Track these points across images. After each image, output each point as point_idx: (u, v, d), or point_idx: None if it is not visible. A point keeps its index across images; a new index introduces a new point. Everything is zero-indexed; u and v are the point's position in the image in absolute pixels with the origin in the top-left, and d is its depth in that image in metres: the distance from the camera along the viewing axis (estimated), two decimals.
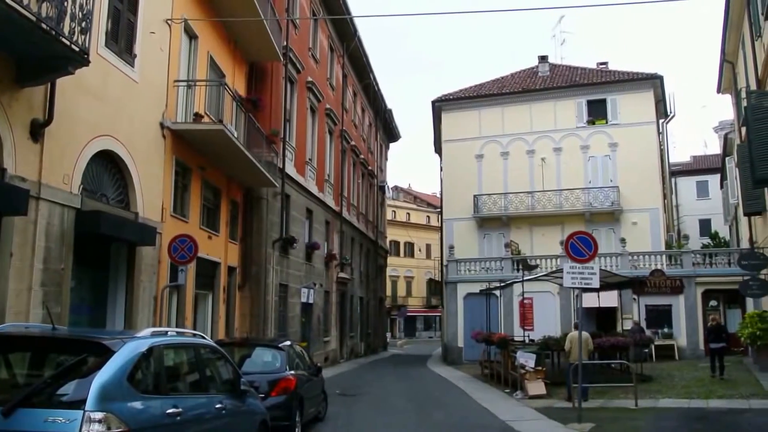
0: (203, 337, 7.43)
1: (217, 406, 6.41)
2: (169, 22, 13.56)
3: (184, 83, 14.49)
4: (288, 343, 11.78)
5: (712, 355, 18.56)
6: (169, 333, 6.56)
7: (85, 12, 8.64)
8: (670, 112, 34.13)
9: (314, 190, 24.62)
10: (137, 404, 5.10)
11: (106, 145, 10.95)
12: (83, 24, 8.61)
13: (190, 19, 14.49)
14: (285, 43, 20.42)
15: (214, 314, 16.42)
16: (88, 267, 11.01)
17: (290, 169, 21.31)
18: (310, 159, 24.28)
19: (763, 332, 19.16)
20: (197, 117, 14.38)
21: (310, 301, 23.63)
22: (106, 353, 5.05)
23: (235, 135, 15.19)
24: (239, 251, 18.41)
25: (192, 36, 15.05)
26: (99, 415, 4.61)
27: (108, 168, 11.38)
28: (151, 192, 12.64)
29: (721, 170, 35.02)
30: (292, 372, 10.45)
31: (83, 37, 8.60)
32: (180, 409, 5.54)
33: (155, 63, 12.97)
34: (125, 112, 11.62)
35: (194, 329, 14.06)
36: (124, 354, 5.14)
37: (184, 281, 13.23)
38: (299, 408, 10.30)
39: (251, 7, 15.94)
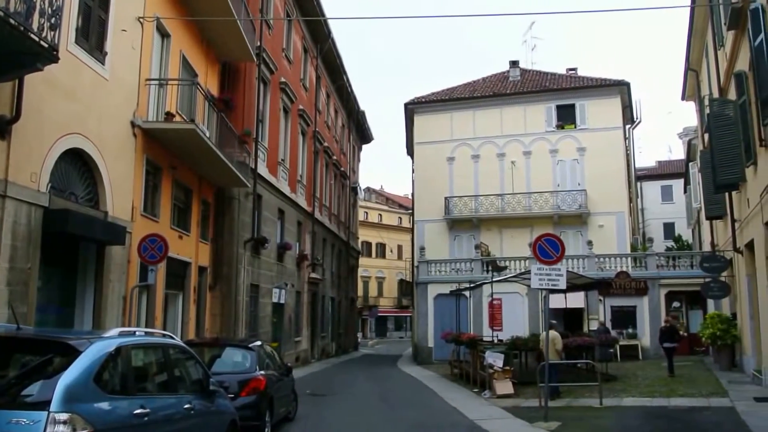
0: (172, 338, 7.43)
1: (186, 406, 6.42)
2: (141, 20, 13.47)
3: (156, 82, 14.39)
4: (258, 343, 11.78)
5: (667, 355, 19.25)
6: (137, 333, 6.56)
7: (54, 8, 8.57)
8: (637, 118, 34.79)
9: (286, 190, 24.60)
10: (104, 405, 5.10)
11: (76, 143, 10.85)
12: (53, 20, 8.53)
13: (162, 18, 14.40)
14: (258, 43, 20.37)
15: (185, 314, 16.33)
16: (56, 266, 10.90)
17: (262, 170, 21.27)
18: (282, 159, 24.25)
19: (722, 332, 19.74)
20: (169, 116, 14.30)
21: (282, 301, 23.60)
22: (73, 353, 5.04)
23: (207, 135, 15.13)
24: (210, 251, 18.32)
25: (164, 34, 14.96)
26: (64, 416, 4.60)
27: (77, 166, 11.27)
28: (121, 191, 12.55)
29: (684, 175, 35.78)
30: (262, 372, 10.47)
31: (53, 33, 8.53)
32: (148, 410, 5.54)
33: (126, 61, 12.87)
34: (95, 110, 11.53)
35: (164, 329, 13.97)
36: (90, 354, 5.13)
37: (154, 281, 13.14)
38: (269, 408, 10.32)
39: (225, 7, 15.89)
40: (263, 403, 10.07)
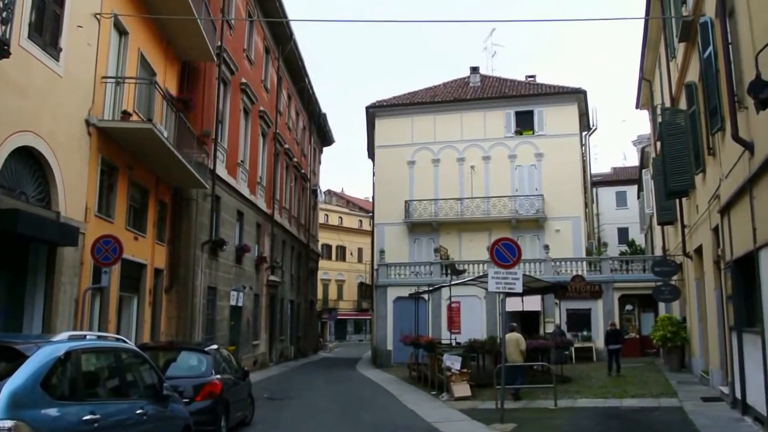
0: (125, 341, 7.30)
1: (138, 411, 6.32)
2: (97, 16, 13.22)
3: (113, 80, 14.14)
4: (214, 346, 11.67)
5: (609, 356, 20.34)
6: (88, 337, 6.42)
7: (6, 2, 8.38)
8: (593, 125, 35.58)
9: (246, 192, 24.38)
10: (51, 411, 4.98)
11: (27, 141, 10.59)
12: (4, 14, 8.36)
13: (120, 15, 14.16)
14: (219, 43, 20.17)
15: (139, 317, 16.05)
16: (4, 268, 10.62)
17: (221, 171, 21.05)
18: (242, 161, 24.03)
19: (672, 335, 20.35)
20: (125, 115, 14.06)
21: (240, 304, 23.37)
22: (19, 358, 4.92)
23: (165, 135, 14.91)
24: (167, 253, 18.04)
25: (122, 32, 14.69)
26: (9, 423, 4.47)
27: (28, 165, 10.99)
28: (75, 191, 12.29)
29: (638, 182, 36.65)
30: (218, 376, 10.36)
31: (4, 27, 8.35)
32: (98, 416, 5.43)
33: (82, 58, 12.62)
34: (48, 107, 11.27)
35: (118, 333, 13.74)
36: (38, 359, 5.02)
37: (108, 283, 12.88)
38: (225, 413, 10.22)
39: (185, 6, 15.71)
40: (219, 408, 9.96)
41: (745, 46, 9.45)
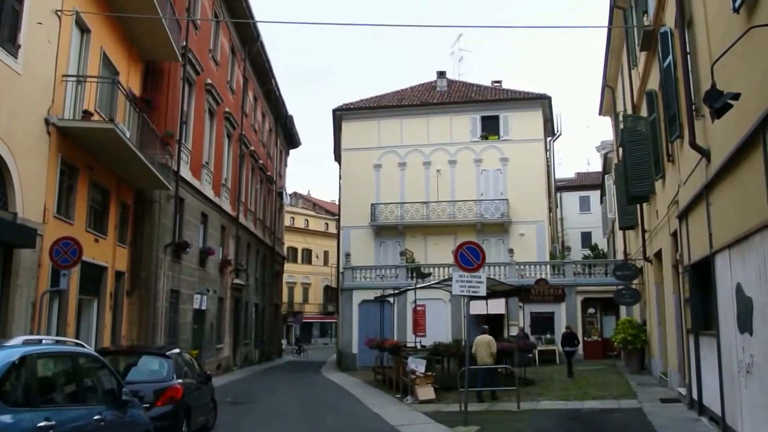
0: (83, 346, 7.17)
1: (96, 417, 6.21)
2: (59, 13, 12.95)
3: (74, 78, 13.85)
4: (176, 351, 11.50)
5: (567, 358, 20.95)
6: (44, 341, 6.28)
7: None
8: (557, 131, 36.11)
9: (210, 194, 24.11)
10: (5, 418, 4.87)
11: None
12: None
13: (82, 12, 13.88)
14: (184, 43, 19.94)
15: (100, 321, 15.73)
16: None
17: (185, 172, 20.78)
18: (206, 162, 23.77)
19: (633, 337, 20.72)
20: (86, 114, 13.78)
21: (203, 307, 23.10)
22: None
23: (128, 135, 14.68)
24: (129, 255, 17.74)
25: (84, 30, 14.41)
26: None
27: None
28: (33, 191, 12.00)
29: (601, 187, 37.29)
30: (180, 381, 10.21)
31: None
32: (53, 422, 5.32)
33: (42, 56, 12.35)
34: (5, 105, 11.00)
35: (77, 337, 13.47)
36: None
37: (67, 286, 12.60)
38: (186, 418, 10.08)
39: (149, 4, 15.49)
40: (180, 413, 9.83)
41: (702, 56, 9.68)
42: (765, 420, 7.31)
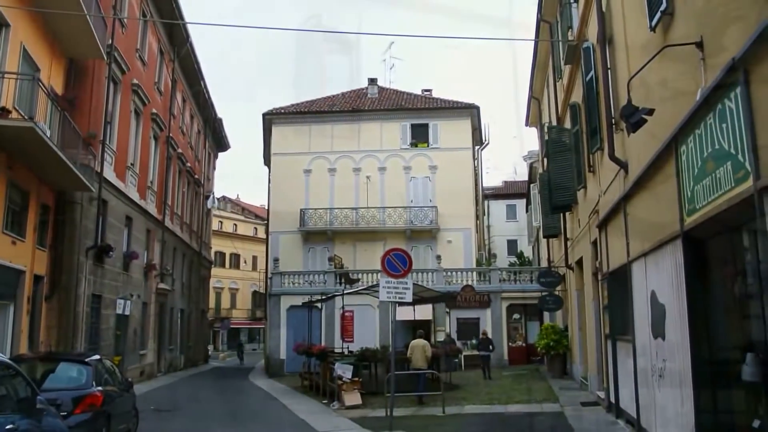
0: None
1: (9, 426, 5.99)
2: None
3: None
4: (96, 357, 11.16)
5: (483, 362, 21.96)
6: None
7: None
8: (485, 140, 36.94)
9: (135, 196, 23.45)
10: None
11: None
12: None
13: (0, 6, 13.29)
14: (110, 41, 19.34)
15: (16, 327, 15.02)
16: None
17: (109, 174, 20.15)
18: (132, 164, 23.11)
19: (555, 343, 21.34)
20: (4, 112, 13.20)
21: (126, 312, 22.41)
22: None
23: (48, 134, 14.14)
24: (48, 259, 17.04)
25: (2, 24, 13.80)
26: None
27: None
28: None
29: (527, 195, 38.31)
30: (100, 388, 9.90)
31: None
32: None
33: None
34: None
35: None
36: None
37: None
38: (106, 426, 9.81)
39: (73, 1, 14.97)
40: (100, 421, 9.55)
41: (621, 71, 10.10)
42: (676, 424, 7.59)
